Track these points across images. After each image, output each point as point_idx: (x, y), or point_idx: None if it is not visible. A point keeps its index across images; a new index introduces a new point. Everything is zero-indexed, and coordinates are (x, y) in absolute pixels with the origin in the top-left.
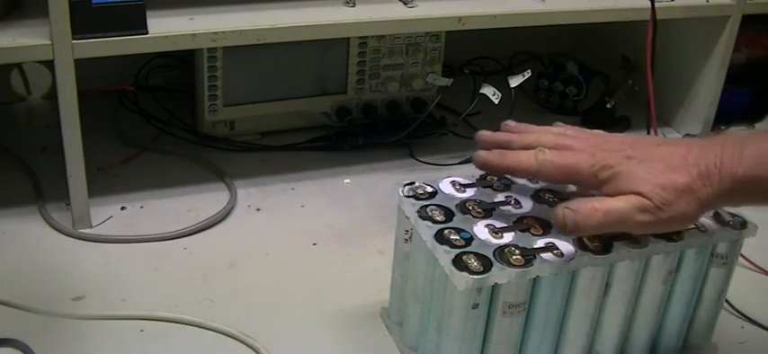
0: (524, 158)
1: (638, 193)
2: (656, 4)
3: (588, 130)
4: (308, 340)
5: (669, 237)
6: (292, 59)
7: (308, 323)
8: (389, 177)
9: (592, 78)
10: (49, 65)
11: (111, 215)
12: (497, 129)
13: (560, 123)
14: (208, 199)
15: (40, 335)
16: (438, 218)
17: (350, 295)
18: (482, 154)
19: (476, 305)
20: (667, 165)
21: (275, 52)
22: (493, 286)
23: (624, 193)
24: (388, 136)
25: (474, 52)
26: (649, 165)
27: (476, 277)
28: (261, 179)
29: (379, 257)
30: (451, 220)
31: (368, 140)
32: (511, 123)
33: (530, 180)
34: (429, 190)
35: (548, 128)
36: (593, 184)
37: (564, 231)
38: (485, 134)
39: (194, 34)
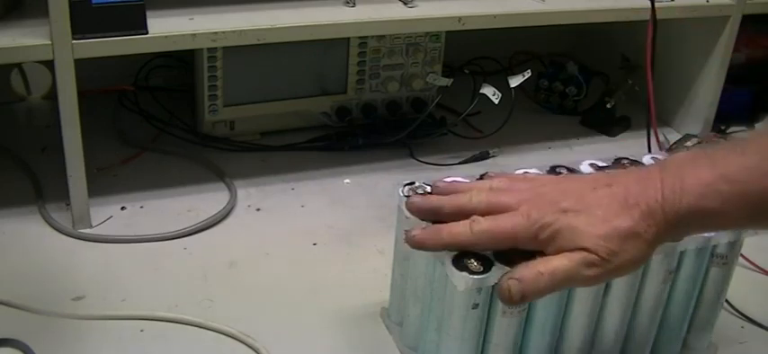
0: (458, 231)
1: (583, 248)
2: (656, 4)
3: (519, 177)
4: (308, 340)
5: None
6: (292, 59)
7: (308, 323)
8: (389, 177)
9: (592, 78)
10: (49, 65)
11: (111, 215)
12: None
13: (491, 173)
14: (208, 199)
15: (40, 335)
16: None
17: (350, 295)
18: (416, 235)
19: (476, 305)
20: (607, 212)
21: (275, 52)
22: (493, 286)
23: (567, 250)
24: (388, 136)
25: (474, 52)
26: (588, 216)
27: (476, 277)
28: (261, 179)
29: (379, 257)
30: None
31: (368, 140)
32: (440, 184)
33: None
34: (429, 190)
35: (478, 184)
36: (533, 246)
37: (510, 302)
38: (415, 202)
39: (194, 34)
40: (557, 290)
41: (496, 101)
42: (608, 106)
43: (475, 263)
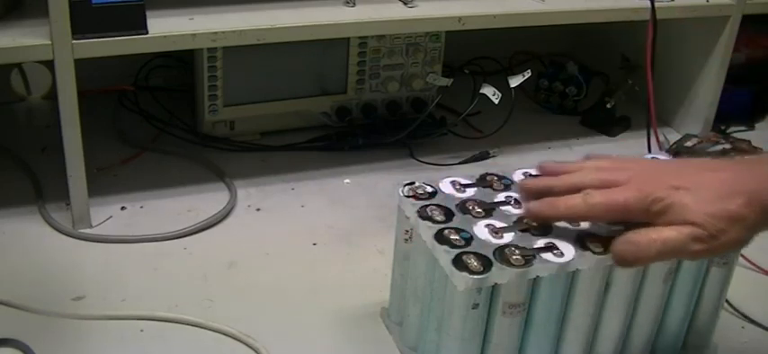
0: (574, 203)
1: (692, 223)
2: (656, 4)
3: (623, 158)
4: (308, 340)
5: None
6: (292, 59)
7: (308, 323)
8: (389, 177)
9: (592, 78)
10: (49, 65)
11: (111, 215)
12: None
13: (592, 154)
14: (208, 199)
15: (40, 335)
16: (438, 218)
17: (350, 295)
18: (533, 207)
19: (476, 305)
20: (715, 194)
21: (275, 52)
22: (493, 286)
23: (677, 224)
24: (388, 136)
25: (474, 52)
26: (697, 194)
27: (476, 277)
28: (261, 179)
29: (379, 257)
30: (451, 220)
31: (368, 140)
32: (548, 165)
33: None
34: (429, 190)
35: (584, 163)
36: (644, 219)
37: (623, 264)
38: (527, 183)
39: (194, 34)
40: (665, 259)
41: (496, 101)
42: (608, 106)
43: (475, 263)
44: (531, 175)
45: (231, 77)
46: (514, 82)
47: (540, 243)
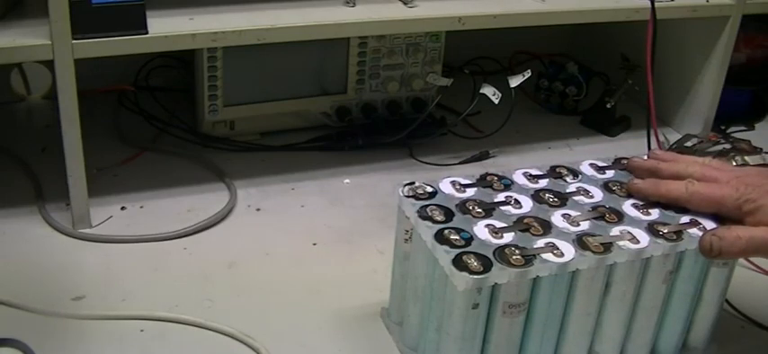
0: (675, 188)
1: None
2: (656, 4)
3: (729, 165)
4: (308, 340)
5: (668, 237)
6: (292, 59)
7: (308, 323)
8: (389, 177)
9: (592, 78)
10: (49, 65)
11: (111, 215)
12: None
13: (707, 159)
14: (208, 199)
15: (40, 335)
16: (438, 218)
17: (350, 295)
18: (636, 183)
19: (476, 305)
20: None
21: (275, 52)
22: (493, 286)
23: (765, 224)
24: (388, 136)
25: (474, 52)
26: None
27: (476, 277)
28: (261, 179)
29: (379, 257)
30: (451, 220)
31: (368, 140)
32: (659, 152)
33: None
34: (429, 190)
35: (693, 158)
36: (735, 215)
37: (707, 255)
38: (636, 161)
39: (194, 34)
40: (749, 255)
41: (496, 101)
42: (608, 106)
43: (475, 263)
44: (531, 176)
45: (231, 77)
46: (514, 82)
47: (540, 243)
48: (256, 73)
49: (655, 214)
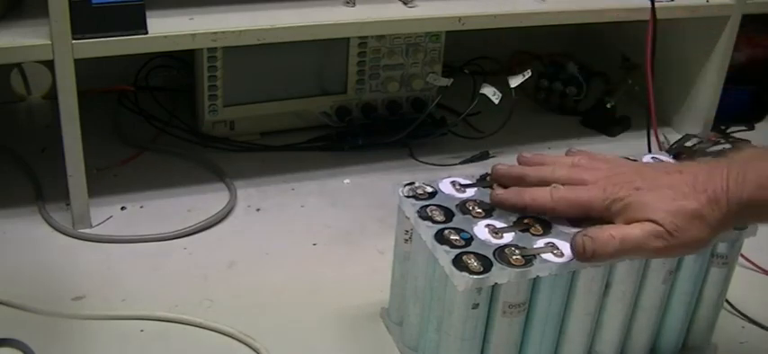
0: (540, 195)
1: (652, 220)
2: (656, 4)
3: (599, 157)
4: (308, 340)
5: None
6: (292, 59)
7: (308, 322)
8: (389, 177)
9: (592, 78)
10: (49, 65)
11: (111, 215)
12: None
13: (574, 149)
14: (208, 199)
15: (40, 335)
16: (438, 218)
17: (350, 295)
18: (498, 194)
19: (476, 305)
20: (676, 193)
21: (275, 52)
22: (493, 286)
23: (636, 221)
24: (388, 136)
25: (474, 52)
26: (658, 193)
27: (476, 277)
28: (261, 179)
29: (379, 257)
30: (451, 220)
31: (368, 140)
32: (526, 155)
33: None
34: (429, 190)
35: (561, 158)
36: (606, 217)
37: (581, 258)
38: (500, 169)
39: (194, 34)
40: (626, 256)
41: (496, 101)
42: (608, 106)
43: (475, 263)
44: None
45: (231, 77)
46: (514, 82)
47: (540, 243)
48: (256, 73)
49: None
